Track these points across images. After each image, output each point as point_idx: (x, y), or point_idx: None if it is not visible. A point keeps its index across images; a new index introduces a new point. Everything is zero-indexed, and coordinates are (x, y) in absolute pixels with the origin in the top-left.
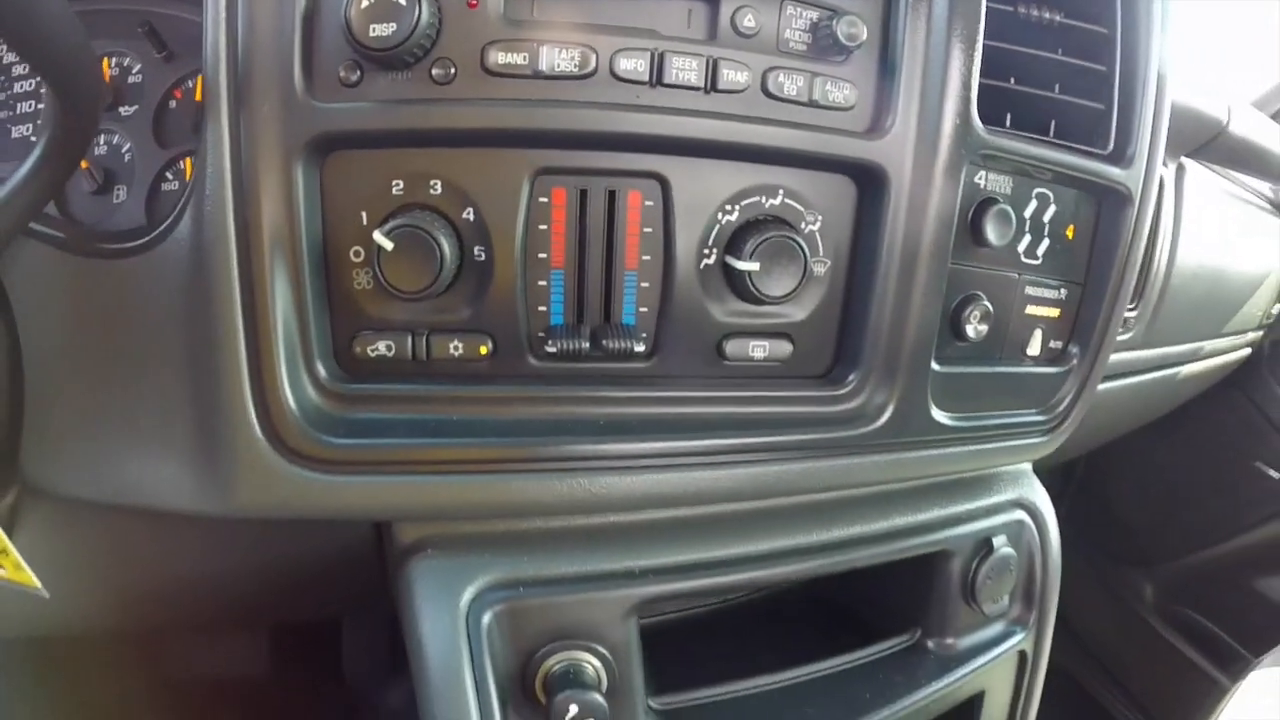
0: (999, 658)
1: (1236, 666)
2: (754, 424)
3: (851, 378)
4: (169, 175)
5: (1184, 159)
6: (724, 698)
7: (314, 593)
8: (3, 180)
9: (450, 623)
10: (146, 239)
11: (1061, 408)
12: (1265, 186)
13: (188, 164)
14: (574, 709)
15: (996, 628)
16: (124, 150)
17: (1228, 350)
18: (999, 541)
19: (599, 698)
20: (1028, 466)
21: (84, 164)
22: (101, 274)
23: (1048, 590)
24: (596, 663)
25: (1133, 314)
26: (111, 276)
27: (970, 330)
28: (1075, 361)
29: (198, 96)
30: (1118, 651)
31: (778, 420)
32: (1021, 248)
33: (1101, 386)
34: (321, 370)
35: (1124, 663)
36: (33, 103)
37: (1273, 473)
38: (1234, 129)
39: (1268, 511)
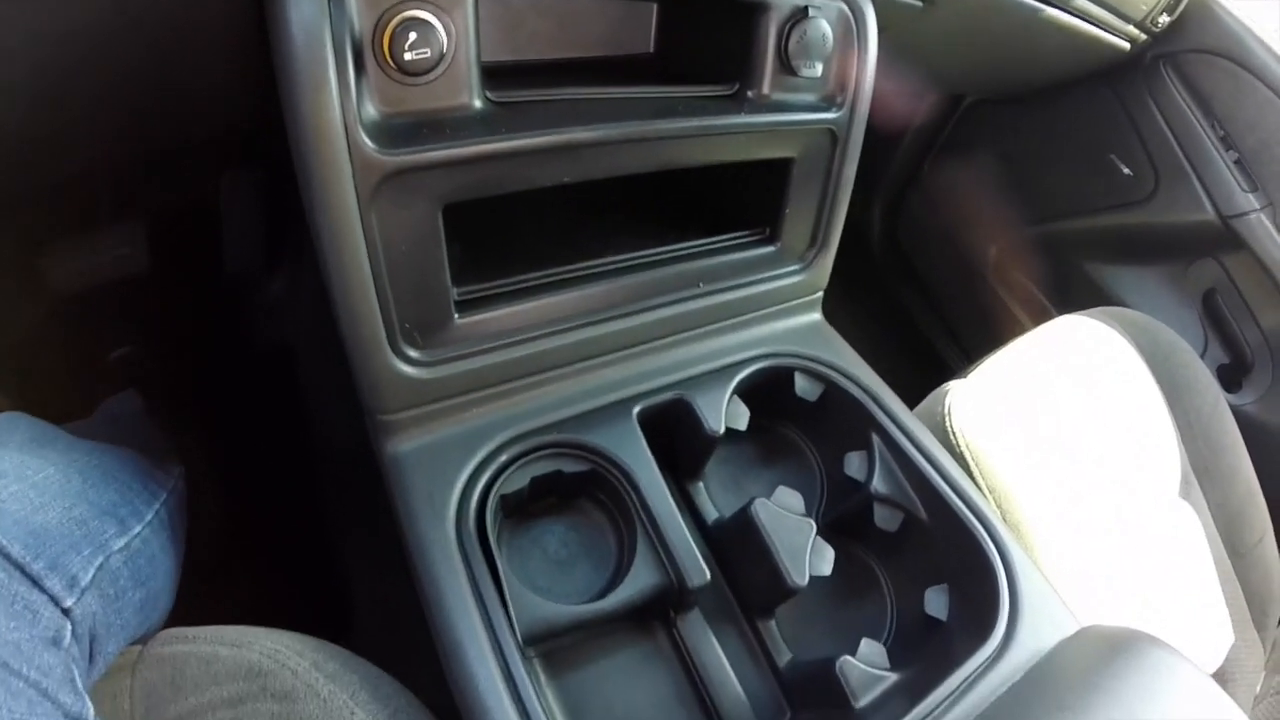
0: (811, 124)
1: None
2: None
3: None
4: None
5: None
6: (559, 98)
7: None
8: None
9: None
10: None
11: None
12: None
13: None
14: (413, 35)
15: (810, 97)
16: None
17: (1099, 23)
18: (814, 11)
19: (439, 29)
20: None
21: None
22: None
23: (861, 84)
24: (436, 22)
25: None
26: None
27: None
28: None
29: None
30: (955, 303)
31: None
32: None
33: None
34: None
35: (957, 313)
36: None
37: (1124, 168)
38: None
39: (1111, 202)
